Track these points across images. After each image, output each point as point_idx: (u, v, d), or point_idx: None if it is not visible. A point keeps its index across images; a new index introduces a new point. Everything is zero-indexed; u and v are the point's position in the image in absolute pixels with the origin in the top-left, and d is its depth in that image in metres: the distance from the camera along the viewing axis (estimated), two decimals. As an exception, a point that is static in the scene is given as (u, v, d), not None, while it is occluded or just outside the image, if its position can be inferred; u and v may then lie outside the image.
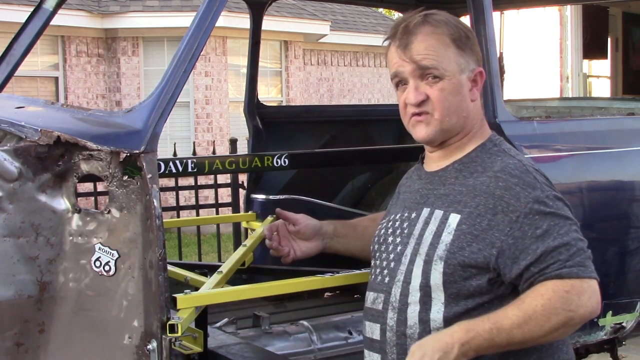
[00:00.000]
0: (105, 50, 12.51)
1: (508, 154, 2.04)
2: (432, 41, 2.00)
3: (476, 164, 2.02)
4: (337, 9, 16.39)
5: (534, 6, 7.03)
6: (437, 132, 2.03)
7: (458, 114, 2.03)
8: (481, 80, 2.08)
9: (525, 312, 1.82)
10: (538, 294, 1.83)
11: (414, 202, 2.10)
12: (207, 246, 8.99)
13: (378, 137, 4.34)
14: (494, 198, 1.92)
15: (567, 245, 1.86)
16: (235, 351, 2.46)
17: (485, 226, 1.90)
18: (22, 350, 2.24)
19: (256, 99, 3.91)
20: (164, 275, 2.12)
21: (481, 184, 1.96)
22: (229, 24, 11.42)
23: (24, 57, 3.10)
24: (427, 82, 2.00)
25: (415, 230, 2.01)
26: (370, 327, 2.06)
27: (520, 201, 1.90)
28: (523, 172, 1.96)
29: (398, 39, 2.04)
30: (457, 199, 1.97)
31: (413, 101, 2.01)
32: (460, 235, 1.92)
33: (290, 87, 14.33)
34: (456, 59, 2.02)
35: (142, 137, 2.15)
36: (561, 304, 1.81)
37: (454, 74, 2.01)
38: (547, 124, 3.10)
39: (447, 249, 1.91)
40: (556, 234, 1.87)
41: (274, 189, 3.85)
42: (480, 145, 2.06)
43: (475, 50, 2.07)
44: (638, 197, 3.20)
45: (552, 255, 1.84)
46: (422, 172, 2.14)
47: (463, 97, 2.03)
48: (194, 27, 2.27)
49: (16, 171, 2.21)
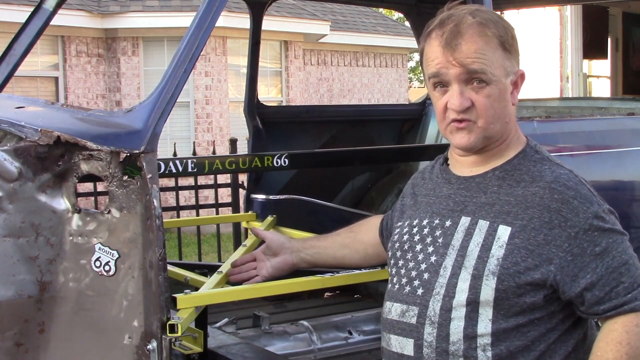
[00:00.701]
0: (105, 50, 12.51)
1: (554, 162, 1.95)
2: (482, 43, 1.87)
3: (521, 172, 1.92)
4: (337, 9, 16.39)
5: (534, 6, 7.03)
6: (479, 139, 1.91)
7: (502, 120, 1.92)
8: (521, 82, 1.97)
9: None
10: (616, 342, 1.77)
11: (446, 208, 1.97)
12: (207, 246, 8.99)
13: (378, 137, 4.34)
14: (549, 211, 1.83)
15: (626, 265, 1.80)
16: (235, 351, 2.46)
17: (541, 241, 1.81)
18: (22, 350, 2.24)
19: (256, 99, 3.91)
20: (164, 275, 2.12)
21: (533, 195, 1.86)
22: (229, 24, 11.42)
23: (24, 57, 3.10)
24: (473, 87, 1.88)
25: (455, 241, 1.89)
26: (400, 341, 1.92)
27: (579, 216, 1.81)
28: (578, 183, 1.88)
29: (445, 38, 1.88)
30: (505, 210, 1.87)
31: (458, 107, 1.88)
32: (513, 250, 1.81)
33: (290, 87, 14.33)
34: (503, 62, 1.90)
35: (142, 137, 2.15)
36: (638, 339, 1.77)
37: (500, 79, 1.89)
38: (547, 124, 3.10)
39: (499, 264, 1.81)
40: (615, 252, 1.80)
41: (274, 189, 3.85)
42: (521, 151, 1.96)
43: (518, 51, 1.96)
44: (638, 197, 3.20)
45: (614, 277, 1.78)
46: (451, 175, 2.02)
47: (507, 102, 1.93)
48: (194, 27, 2.27)
49: (16, 171, 2.21)
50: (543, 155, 1.97)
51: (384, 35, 17.08)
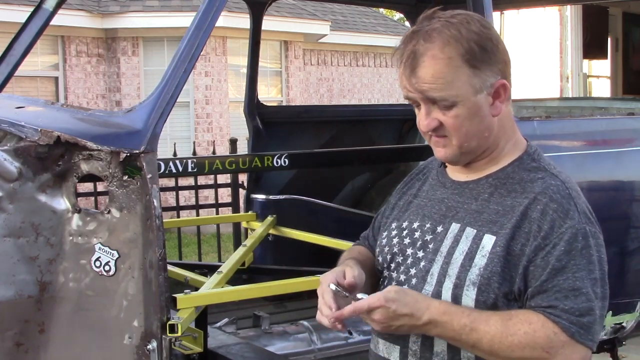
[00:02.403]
0: (105, 50, 12.51)
1: (550, 172, 1.88)
2: (440, 66, 1.79)
3: (514, 181, 1.87)
4: (337, 9, 16.38)
5: (534, 6, 7.03)
6: (456, 155, 1.87)
7: (479, 136, 1.86)
8: (505, 92, 1.86)
9: (506, 329, 1.73)
10: (527, 321, 1.73)
11: (438, 213, 1.93)
12: (207, 246, 8.98)
13: (378, 137, 4.35)
14: (530, 222, 1.79)
15: (575, 292, 1.74)
16: (235, 351, 2.46)
17: (518, 251, 1.78)
18: (22, 350, 2.24)
19: (256, 99, 3.91)
20: (164, 275, 2.12)
21: (519, 205, 1.81)
22: (229, 24, 11.41)
23: (24, 57, 3.10)
24: (439, 106, 1.82)
25: (443, 247, 1.86)
26: (387, 347, 1.91)
27: (553, 230, 1.77)
28: (565, 197, 1.81)
29: (404, 63, 1.82)
30: (493, 219, 1.83)
31: (424, 129, 1.84)
32: (494, 259, 1.78)
33: (290, 87, 14.33)
34: (469, 79, 1.80)
35: (142, 137, 2.15)
36: (543, 342, 1.71)
37: (468, 97, 1.81)
38: (547, 124, 3.10)
39: (480, 274, 1.78)
40: (571, 275, 1.74)
41: (274, 189, 3.85)
42: (517, 159, 1.90)
43: (496, 60, 1.84)
44: (638, 197, 3.20)
45: (557, 297, 1.73)
46: (447, 179, 1.97)
47: (482, 118, 1.84)
48: (194, 27, 2.27)
49: (16, 171, 2.21)
50: (539, 164, 1.91)
51: (384, 35, 17.07)
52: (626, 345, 3.38)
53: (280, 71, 14.31)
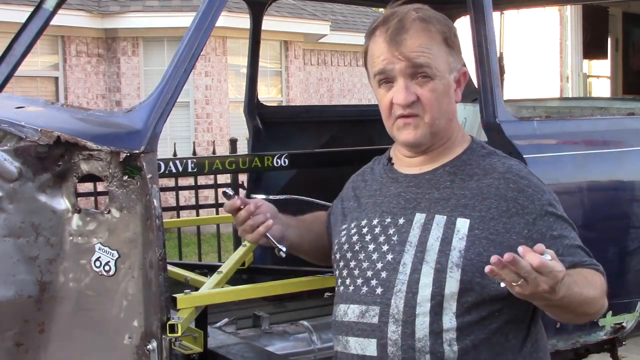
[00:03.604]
0: (105, 50, 12.50)
1: (502, 155, 2.01)
2: (426, 39, 1.90)
3: (471, 166, 1.95)
4: (337, 9, 16.38)
5: (534, 6, 7.02)
6: (425, 135, 1.93)
7: (446, 116, 1.95)
8: (464, 80, 2.00)
9: (588, 281, 1.83)
10: (582, 273, 1.84)
11: (397, 206, 1.96)
12: (207, 246, 8.98)
13: (378, 137, 4.34)
14: (506, 200, 1.87)
15: (579, 248, 1.89)
16: (235, 351, 2.46)
17: (501, 229, 1.84)
18: (22, 350, 2.24)
19: (256, 99, 3.91)
20: (164, 275, 2.12)
21: (489, 187, 1.89)
22: (229, 24, 11.40)
23: (24, 57, 3.10)
24: (417, 81, 1.90)
25: (411, 237, 1.89)
26: (360, 342, 1.90)
27: (534, 203, 1.87)
28: (529, 173, 1.94)
29: (389, 34, 1.91)
30: (462, 203, 1.89)
31: (403, 102, 1.90)
32: (475, 241, 1.84)
33: (290, 87, 14.33)
34: (446, 58, 1.93)
35: (142, 137, 2.15)
36: (601, 281, 1.86)
37: (444, 74, 1.92)
38: (547, 124, 3.10)
39: (462, 256, 1.82)
40: (569, 236, 1.89)
41: (274, 189, 3.85)
42: (467, 148, 2.00)
43: (460, 50, 2.00)
44: (638, 197, 3.20)
45: (571, 252, 1.86)
46: (398, 174, 2.03)
47: (450, 99, 1.96)
48: (194, 27, 2.27)
49: (16, 171, 2.21)
50: (490, 150, 2.02)
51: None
52: (626, 345, 3.37)
53: (280, 71, 14.31)
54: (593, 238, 2.99)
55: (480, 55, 2.78)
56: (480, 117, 2.83)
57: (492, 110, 2.76)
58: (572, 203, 2.95)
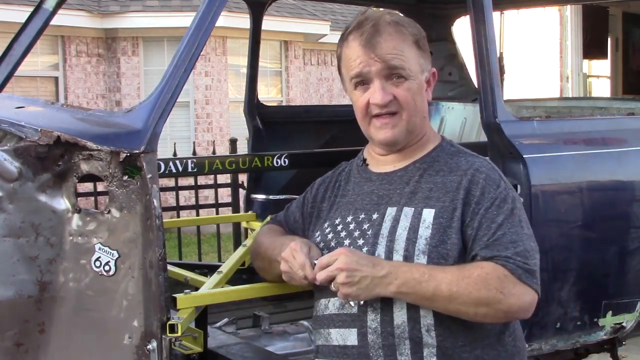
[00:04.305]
0: (105, 50, 12.50)
1: (470, 153, 2.09)
2: (399, 41, 2.01)
3: (440, 163, 2.05)
4: (337, 9, 16.38)
5: (534, 6, 7.03)
6: (402, 132, 2.04)
7: (421, 114, 2.06)
8: (434, 80, 2.11)
9: (461, 273, 1.86)
10: (479, 266, 1.88)
11: (370, 203, 2.06)
12: (207, 246, 8.99)
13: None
14: (464, 191, 1.96)
15: (514, 244, 1.90)
16: (235, 351, 2.46)
17: (459, 217, 1.94)
18: (22, 350, 2.24)
19: (256, 99, 3.91)
20: (164, 275, 2.12)
21: (451, 182, 1.99)
22: (229, 24, 11.41)
23: (24, 57, 3.10)
24: (393, 82, 2.01)
25: (384, 230, 1.98)
26: (341, 333, 1.97)
27: (484, 195, 1.95)
28: (490, 169, 2.02)
29: (365, 37, 2.01)
30: (427, 195, 1.99)
31: (381, 102, 2.00)
32: (439, 229, 1.93)
33: (290, 87, 14.33)
34: (418, 59, 2.04)
35: (142, 137, 2.15)
36: (496, 282, 1.85)
37: (417, 75, 2.03)
38: (547, 124, 3.10)
39: (428, 243, 1.92)
40: (507, 230, 1.92)
41: (274, 189, 3.85)
42: (438, 145, 2.10)
43: (429, 52, 2.10)
44: (638, 197, 3.20)
45: (499, 249, 1.89)
46: (372, 174, 2.12)
47: (423, 98, 2.07)
48: (194, 27, 2.27)
49: (16, 171, 2.21)
50: (458, 148, 2.11)
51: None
52: (626, 345, 3.38)
53: (280, 71, 14.31)
54: (593, 238, 3.00)
55: (480, 55, 2.78)
56: (480, 117, 2.83)
57: (492, 110, 2.76)
58: (572, 203, 2.95)
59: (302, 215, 2.26)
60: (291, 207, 2.33)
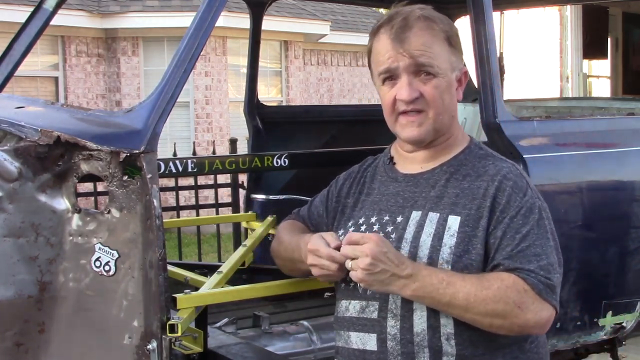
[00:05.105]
0: (105, 50, 12.51)
1: (498, 157, 2.04)
2: (429, 37, 1.95)
3: (467, 167, 2.00)
4: (337, 9, 16.38)
5: (534, 6, 7.03)
6: (429, 131, 1.98)
7: (449, 113, 2.01)
8: (465, 80, 2.06)
9: (481, 284, 1.82)
10: (500, 278, 1.84)
11: (395, 205, 2.01)
12: (207, 246, 8.99)
13: (378, 137, 4.33)
14: (490, 198, 1.91)
15: (538, 257, 1.86)
16: (235, 351, 2.46)
17: (485, 225, 1.89)
18: (22, 350, 2.24)
19: (256, 99, 3.91)
20: (164, 275, 2.12)
21: (478, 188, 1.94)
22: (229, 24, 11.41)
23: (24, 57, 3.10)
24: (421, 78, 1.95)
25: (407, 234, 1.94)
26: (361, 337, 1.95)
27: (510, 204, 1.90)
28: (517, 176, 1.97)
29: (394, 32, 1.95)
30: (453, 201, 1.94)
31: (407, 98, 1.95)
32: (464, 238, 1.88)
33: (290, 87, 14.33)
34: (449, 57, 1.98)
35: (142, 137, 2.15)
36: (515, 296, 1.82)
37: (447, 72, 1.98)
38: (547, 124, 3.10)
39: (452, 252, 1.87)
40: (532, 242, 1.87)
41: (274, 189, 3.85)
42: (466, 147, 2.05)
43: (461, 50, 2.05)
44: (638, 197, 3.20)
45: (522, 262, 1.85)
46: (398, 174, 2.08)
47: (452, 97, 2.01)
48: (194, 27, 2.27)
49: (16, 171, 2.21)
50: (487, 151, 2.06)
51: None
52: (626, 345, 3.38)
53: (280, 71, 14.31)
54: (593, 238, 3.00)
55: (480, 55, 2.78)
56: (480, 117, 2.83)
57: (492, 110, 2.76)
58: (572, 203, 2.95)
59: (327, 210, 2.22)
60: (314, 202, 2.29)
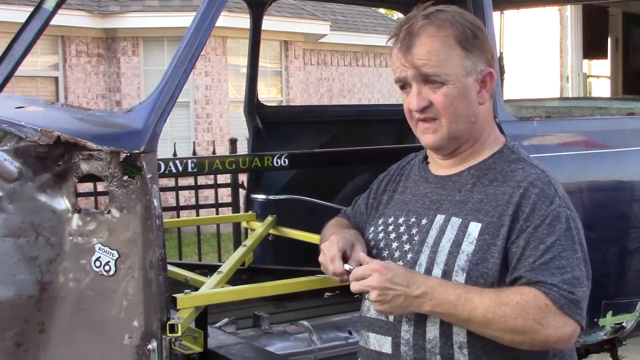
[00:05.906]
0: (105, 50, 12.50)
1: (530, 163, 1.96)
2: (435, 44, 1.89)
3: (495, 171, 1.94)
4: (337, 9, 16.38)
5: (534, 6, 7.03)
6: (444, 139, 1.93)
7: (466, 120, 1.93)
8: (491, 81, 1.96)
9: (499, 299, 1.77)
10: (519, 292, 1.78)
11: (422, 207, 1.99)
12: (207, 246, 8.98)
13: (378, 137, 4.34)
14: (514, 205, 1.85)
15: (562, 270, 1.79)
16: (235, 351, 2.46)
17: (505, 234, 1.84)
18: (22, 350, 2.24)
19: (256, 99, 3.91)
20: (164, 275, 2.12)
21: (503, 194, 1.88)
22: (229, 24, 11.40)
23: (24, 57, 3.10)
24: (431, 87, 1.90)
25: (429, 238, 1.91)
26: (378, 339, 1.95)
27: (534, 212, 1.83)
28: (545, 183, 1.89)
29: (400, 41, 1.92)
30: (477, 207, 1.89)
31: (415, 107, 1.91)
32: (483, 246, 1.84)
33: (290, 87, 14.33)
34: (462, 61, 1.90)
35: (142, 137, 2.15)
36: (535, 312, 1.76)
37: (459, 78, 1.90)
38: (547, 124, 3.10)
39: (469, 260, 1.83)
40: (557, 254, 1.80)
41: (274, 189, 3.85)
42: (497, 151, 1.98)
43: (486, 49, 1.95)
44: (638, 197, 3.20)
45: (545, 275, 1.78)
46: (429, 174, 2.05)
47: (470, 102, 1.93)
48: (194, 27, 2.27)
49: (16, 171, 2.21)
50: (519, 156, 1.99)
51: (384, 35, 17.01)
52: (626, 345, 3.38)
53: (280, 71, 14.31)
54: (593, 238, 2.99)
55: (480, 55, 2.78)
56: (480, 117, 2.82)
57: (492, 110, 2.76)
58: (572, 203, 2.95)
59: (367, 207, 2.20)
60: (359, 200, 2.27)
